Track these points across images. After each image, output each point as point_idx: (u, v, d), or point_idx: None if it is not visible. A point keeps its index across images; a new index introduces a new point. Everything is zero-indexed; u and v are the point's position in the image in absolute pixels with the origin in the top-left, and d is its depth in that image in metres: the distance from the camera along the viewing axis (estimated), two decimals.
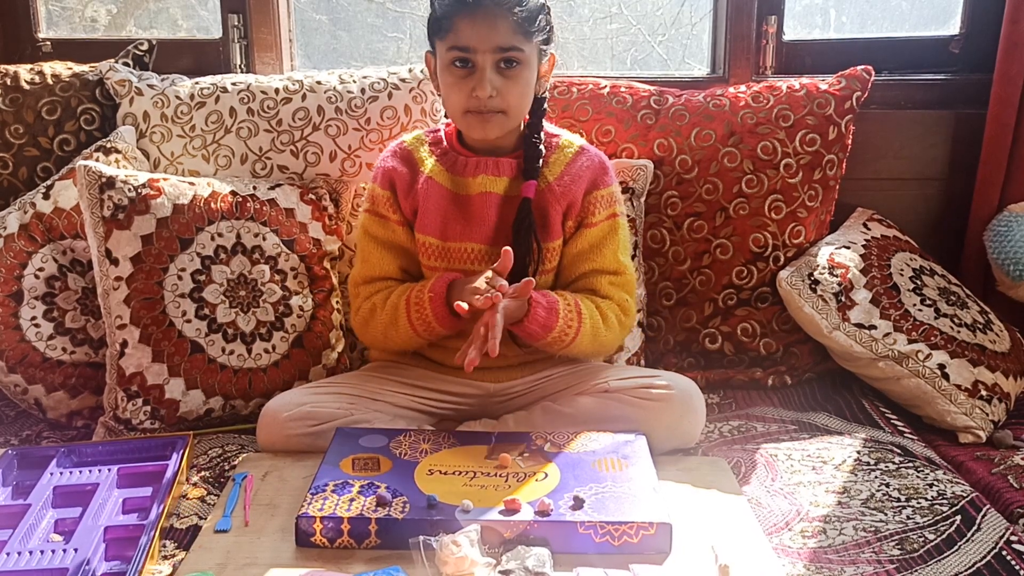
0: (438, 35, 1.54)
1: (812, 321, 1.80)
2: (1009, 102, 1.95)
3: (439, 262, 1.61)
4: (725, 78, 2.11)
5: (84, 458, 1.49)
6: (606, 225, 1.62)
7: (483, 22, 1.49)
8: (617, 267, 1.62)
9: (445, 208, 1.60)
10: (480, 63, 1.50)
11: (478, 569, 1.15)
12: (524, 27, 1.50)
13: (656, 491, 1.31)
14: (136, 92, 1.89)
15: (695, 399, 1.54)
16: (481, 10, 1.49)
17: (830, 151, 1.90)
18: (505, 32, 1.49)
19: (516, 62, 1.52)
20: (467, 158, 1.61)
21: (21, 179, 1.90)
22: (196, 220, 1.69)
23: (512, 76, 1.52)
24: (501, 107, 1.53)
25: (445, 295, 1.53)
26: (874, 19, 2.29)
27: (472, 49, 1.50)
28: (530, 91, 1.57)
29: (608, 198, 1.63)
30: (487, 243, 1.60)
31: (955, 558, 1.24)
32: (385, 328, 1.60)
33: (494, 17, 1.48)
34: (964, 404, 1.69)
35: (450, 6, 1.51)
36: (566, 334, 1.53)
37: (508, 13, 1.48)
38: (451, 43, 1.51)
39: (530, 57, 1.53)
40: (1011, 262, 1.92)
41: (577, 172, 1.61)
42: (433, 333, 1.57)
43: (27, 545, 1.24)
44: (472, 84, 1.51)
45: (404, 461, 1.39)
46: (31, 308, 1.72)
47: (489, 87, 1.50)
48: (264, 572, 1.20)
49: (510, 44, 1.50)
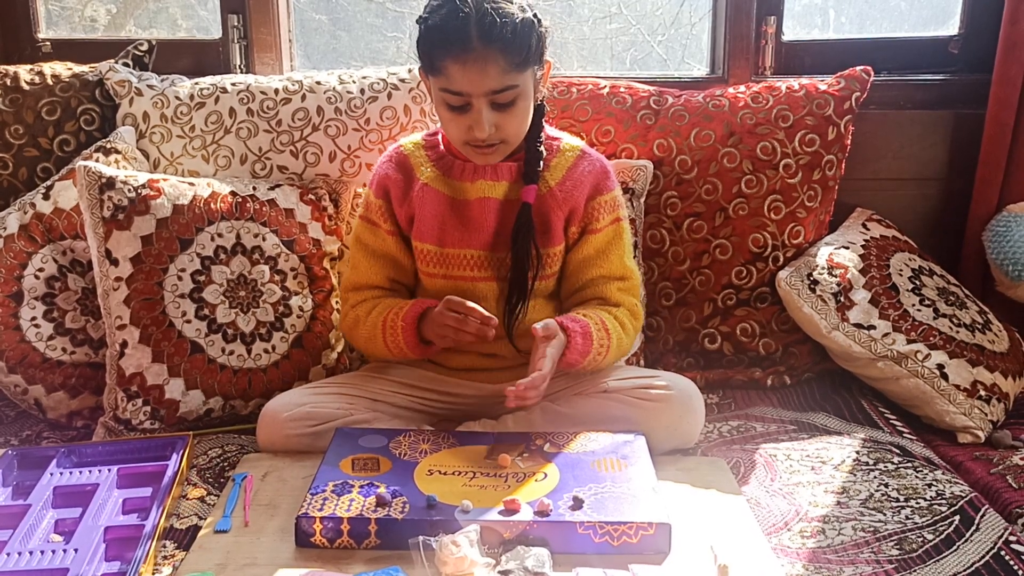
0: (430, 71, 1.49)
1: (811, 321, 1.80)
2: (1008, 102, 1.96)
3: (437, 268, 1.61)
4: (724, 78, 2.11)
5: (84, 458, 1.50)
6: (610, 231, 1.62)
7: (474, 67, 1.42)
8: (624, 272, 1.62)
9: (443, 214, 1.59)
10: (476, 105, 1.46)
11: (477, 569, 1.15)
12: (516, 62, 1.44)
13: (655, 491, 1.31)
14: (136, 93, 1.89)
15: (694, 399, 1.54)
16: (471, 56, 1.42)
17: (829, 151, 1.91)
18: (497, 75, 1.43)
19: (512, 98, 1.47)
20: (464, 163, 1.60)
21: (21, 179, 1.90)
22: (196, 220, 1.69)
23: (509, 111, 1.48)
24: (501, 138, 1.51)
25: (416, 325, 1.54)
26: (873, 19, 2.29)
27: (466, 93, 1.45)
28: (529, 113, 1.53)
29: (611, 203, 1.62)
30: (486, 249, 1.59)
31: (954, 558, 1.25)
32: (366, 342, 1.62)
33: (485, 61, 1.42)
34: (963, 404, 1.69)
35: (439, 48, 1.44)
36: (600, 354, 1.54)
37: (499, 55, 1.42)
38: (443, 85, 1.46)
39: (526, 87, 1.48)
40: (1010, 262, 1.92)
41: (579, 177, 1.60)
42: (408, 356, 1.59)
43: (27, 545, 1.24)
44: (469, 122, 1.47)
45: (404, 461, 1.39)
46: (31, 308, 1.72)
47: (487, 127, 1.47)
48: (264, 572, 1.20)
49: (504, 85, 1.44)
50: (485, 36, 1.42)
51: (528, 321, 1.55)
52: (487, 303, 1.58)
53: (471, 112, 1.47)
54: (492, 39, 1.42)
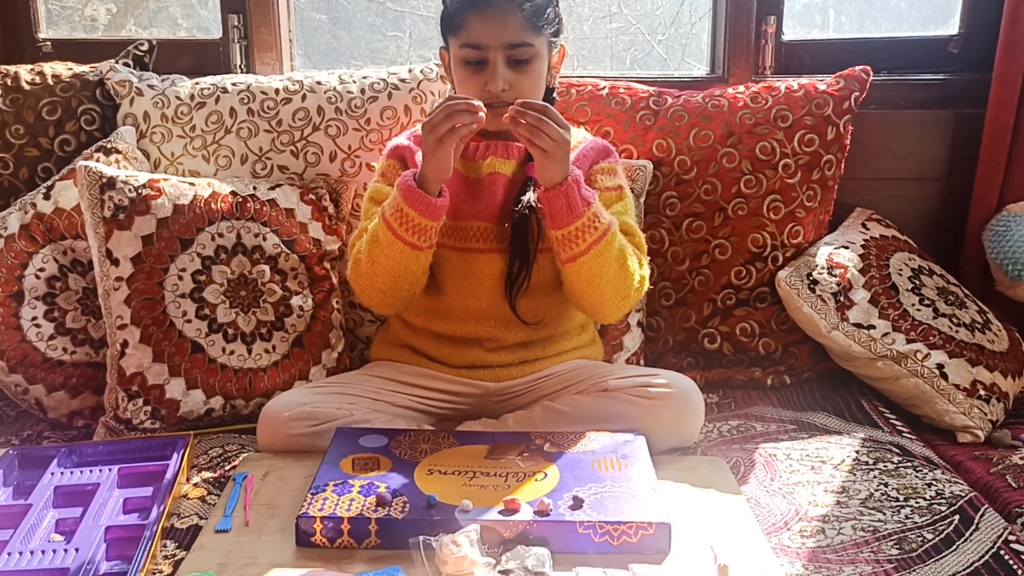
0: (450, 32, 1.58)
1: (811, 321, 1.80)
2: (1008, 102, 1.96)
3: (447, 239, 1.61)
4: (724, 78, 2.11)
5: (85, 458, 1.50)
6: (614, 194, 1.63)
7: (493, 19, 1.52)
8: (628, 228, 1.60)
9: (456, 188, 1.62)
10: (492, 59, 1.53)
11: (478, 569, 1.15)
12: (533, 22, 1.53)
13: (655, 491, 1.31)
14: (136, 92, 1.90)
15: (694, 398, 1.54)
16: (491, 7, 1.52)
17: (828, 151, 1.91)
18: (515, 28, 1.52)
19: (527, 56, 1.55)
20: (478, 142, 1.64)
21: (22, 179, 1.90)
22: (196, 220, 1.70)
23: (523, 69, 1.55)
24: (515, 97, 1.53)
25: (412, 184, 1.48)
26: (873, 19, 2.29)
27: (483, 46, 1.53)
28: (542, 82, 1.60)
29: (611, 170, 1.65)
30: (493, 221, 1.61)
31: (953, 558, 1.25)
32: (369, 250, 1.54)
33: (503, 13, 1.52)
34: (962, 404, 1.69)
35: (461, 4, 1.54)
36: (600, 220, 1.48)
37: (517, 9, 1.52)
38: (463, 40, 1.54)
39: (540, 50, 1.56)
40: (1009, 262, 1.92)
41: (582, 153, 1.64)
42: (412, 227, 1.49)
43: (28, 545, 1.24)
44: (484, 79, 1.54)
45: (404, 461, 1.39)
46: (32, 308, 1.72)
47: (501, 81, 1.53)
48: (264, 572, 1.20)
49: (520, 39, 1.53)
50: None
51: (529, 300, 1.59)
52: (492, 272, 1.60)
53: (487, 68, 1.54)
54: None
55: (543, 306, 1.61)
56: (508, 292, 1.59)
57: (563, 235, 1.49)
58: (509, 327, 1.63)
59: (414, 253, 1.51)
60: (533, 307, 1.61)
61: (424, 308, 1.66)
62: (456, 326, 1.64)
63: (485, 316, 1.62)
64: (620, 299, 1.55)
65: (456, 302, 1.62)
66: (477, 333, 1.63)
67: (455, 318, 1.63)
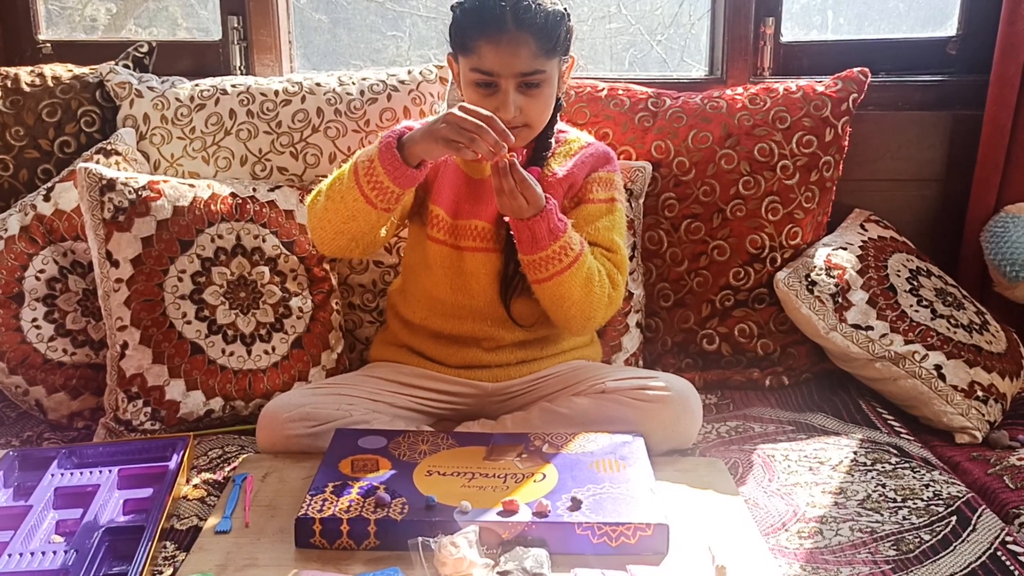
0: (461, 51, 1.55)
1: (809, 322, 1.81)
2: (1006, 103, 1.96)
3: (446, 236, 1.62)
4: (723, 79, 2.11)
5: (85, 459, 1.50)
6: (604, 206, 1.63)
7: (506, 49, 1.49)
8: (610, 244, 1.61)
9: (459, 187, 1.63)
10: (504, 86, 1.51)
11: (476, 570, 1.15)
12: (545, 48, 1.51)
13: (653, 492, 1.32)
14: (136, 94, 1.90)
15: (691, 400, 1.55)
16: (504, 35, 1.49)
17: (827, 153, 1.91)
18: (527, 57, 1.50)
19: (539, 81, 1.53)
20: None
21: (21, 181, 1.91)
22: (196, 222, 1.70)
23: (535, 94, 1.54)
24: (525, 122, 1.55)
25: (396, 143, 1.46)
26: (871, 20, 2.30)
27: (495, 73, 1.51)
28: (552, 102, 1.59)
29: (608, 180, 1.65)
30: (491, 222, 1.61)
31: (951, 559, 1.25)
32: (330, 185, 1.52)
33: (517, 44, 1.49)
34: (960, 405, 1.69)
35: (473, 28, 1.52)
36: (567, 253, 1.50)
37: (531, 38, 1.49)
38: (474, 64, 1.53)
39: (551, 74, 1.55)
40: (1007, 263, 1.93)
41: (581, 159, 1.64)
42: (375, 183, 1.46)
43: (28, 546, 1.25)
44: (495, 104, 1.52)
45: (403, 462, 1.39)
46: (32, 310, 1.73)
47: (513, 108, 1.52)
48: (264, 573, 1.21)
49: (532, 68, 1.51)
50: (519, 20, 1.49)
51: (524, 301, 1.60)
52: (489, 272, 1.61)
53: (498, 94, 1.52)
54: (525, 24, 1.49)
55: (538, 308, 1.62)
56: (502, 293, 1.60)
57: (527, 260, 1.52)
58: (506, 327, 1.64)
59: (366, 207, 1.48)
60: (528, 308, 1.62)
61: (422, 304, 1.66)
62: (454, 324, 1.64)
63: (482, 315, 1.63)
64: (585, 320, 1.58)
65: (453, 299, 1.63)
66: (475, 332, 1.64)
67: (452, 316, 1.64)
